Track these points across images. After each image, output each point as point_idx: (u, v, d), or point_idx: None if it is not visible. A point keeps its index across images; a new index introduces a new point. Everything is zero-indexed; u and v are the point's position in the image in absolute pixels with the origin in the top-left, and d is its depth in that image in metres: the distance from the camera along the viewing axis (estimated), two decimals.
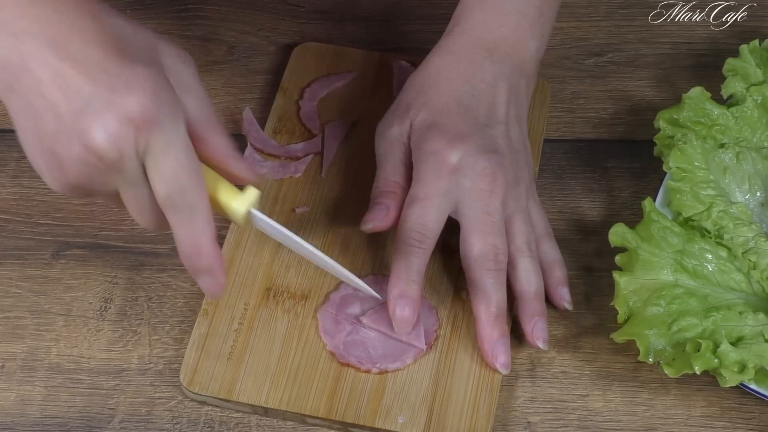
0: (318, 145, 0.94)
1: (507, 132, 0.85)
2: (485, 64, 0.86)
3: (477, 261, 0.82)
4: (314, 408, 0.81)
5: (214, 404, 0.82)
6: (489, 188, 0.82)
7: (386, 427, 0.80)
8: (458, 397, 0.81)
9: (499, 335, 0.81)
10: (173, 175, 0.69)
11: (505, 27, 0.87)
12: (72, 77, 0.67)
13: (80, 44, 0.67)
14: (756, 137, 0.90)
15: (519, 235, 0.83)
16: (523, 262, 0.83)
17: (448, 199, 0.82)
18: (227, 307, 0.85)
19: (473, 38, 0.87)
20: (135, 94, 0.67)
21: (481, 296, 0.82)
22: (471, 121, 0.84)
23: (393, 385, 0.82)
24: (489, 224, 0.82)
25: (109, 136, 0.67)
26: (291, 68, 0.99)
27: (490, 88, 0.85)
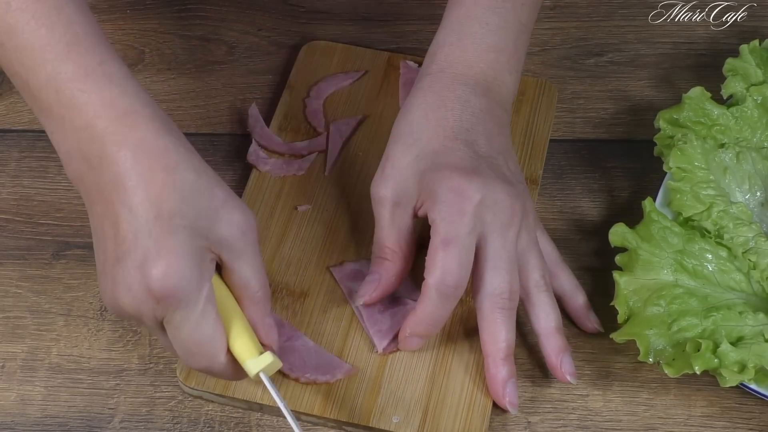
0: (323, 144, 0.94)
1: (507, 162, 0.83)
2: (471, 99, 0.84)
3: (491, 298, 0.80)
4: (309, 406, 0.81)
5: (210, 399, 0.82)
6: (508, 221, 0.80)
7: (381, 426, 0.80)
8: (453, 398, 0.81)
9: (508, 374, 0.80)
10: (186, 345, 0.74)
11: (483, 63, 0.85)
12: (122, 225, 0.71)
13: (140, 196, 0.71)
14: (756, 137, 0.90)
15: (534, 269, 0.82)
16: (542, 298, 0.82)
17: (474, 236, 0.79)
18: None
19: (453, 75, 0.84)
20: (160, 268, 0.71)
21: (493, 335, 0.80)
22: (474, 155, 0.82)
23: (389, 385, 0.82)
24: (506, 260, 0.80)
25: (131, 297, 0.72)
26: (298, 66, 0.99)
27: (482, 122, 0.83)
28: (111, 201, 0.72)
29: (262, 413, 0.82)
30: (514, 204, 0.80)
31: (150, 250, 0.71)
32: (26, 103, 0.76)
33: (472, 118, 0.83)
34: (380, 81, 0.98)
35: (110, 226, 0.72)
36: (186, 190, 0.72)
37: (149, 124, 0.72)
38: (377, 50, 1.00)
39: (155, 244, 0.71)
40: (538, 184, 0.92)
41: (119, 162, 0.71)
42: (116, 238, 0.72)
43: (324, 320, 0.85)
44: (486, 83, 0.85)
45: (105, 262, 0.73)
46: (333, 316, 0.85)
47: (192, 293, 0.72)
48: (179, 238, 0.71)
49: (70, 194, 0.93)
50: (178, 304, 0.72)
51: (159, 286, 0.71)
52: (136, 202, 0.71)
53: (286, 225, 0.89)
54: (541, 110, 0.95)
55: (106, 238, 0.73)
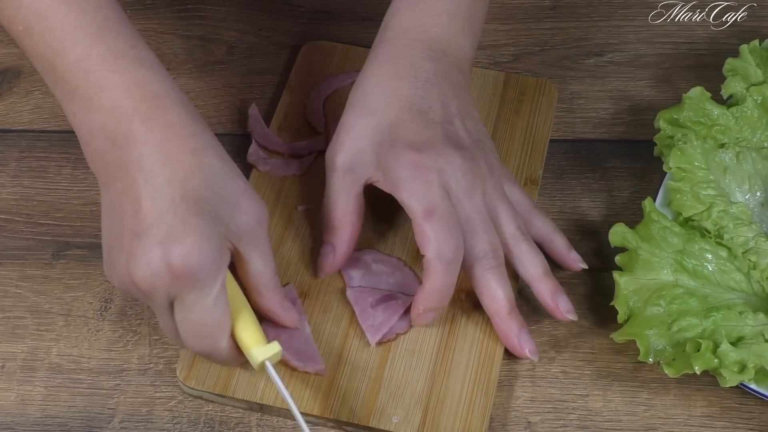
0: (322, 144, 0.94)
1: (464, 124, 0.84)
2: (425, 64, 0.84)
3: (478, 262, 0.82)
4: (309, 406, 0.81)
5: (210, 399, 0.82)
6: (470, 185, 0.82)
7: (380, 426, 0.80)
8: (453, 398, 0.81)
9: (518, 327, 0.82)
10: (194, 327, 0.75)
11: (438, 27, 0.85)
12: (145, 202, 0.72)
13: (167, 176, 0.73)
14: (756, 137, 0.90)
15: (507, 223, 0.83)
16: (521, 247, 0.83)
17: (449, 203, 0.81)
18: None
19: (408, 40, 0.85)
20: (184, 245, 0.72)
21: (491, 295, 0.82)
22: (429, 123, 0.83)
23: (388, 385, 0.82)
24: (480, 222, 0.82)
25: (149, 272, 0.73)
26: (298, 66, 0.99)
27: (436, 86, 0.84)
28: (135, 179, 0.73)
29: (261, 413, 0.82)
30: (472, 168, 0.82)
31: (175, 227, 0.72)
32: (47, 84, 0.77)
33: (426, 84, 0.84)
34: None
35: (130, 202, 0.73)
36: (211, 176, 0.74)
37: (179, 109, 0.75)
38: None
39: (181, 222, 0.72)
40: (538, 184, 0.92)
41: (148, 142, 0.73)
42: (137, 214, 0.73)
43: (324, 320, 0.85)
44: (440, 47, 0.85)
45: (120, 236, 0.74)
46: (333, 316, 0.85)
47: (210, 275, 0.73)
48: (204, 221, 0.73)
49: (70, 194, 0.93)
50: (195, 284, 0.73)
51: (181, 264, 0.72)
52: (162, 181, 0.73)
53: (286, 225, 0.90)
54: (541, 110, 0.95)
55: (125, 215, 0.73)
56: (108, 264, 0.76)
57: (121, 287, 0.76)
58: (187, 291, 0.73)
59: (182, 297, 0.74)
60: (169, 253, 0.72)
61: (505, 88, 0.97)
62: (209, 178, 0.74)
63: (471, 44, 0.88)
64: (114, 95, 0.74)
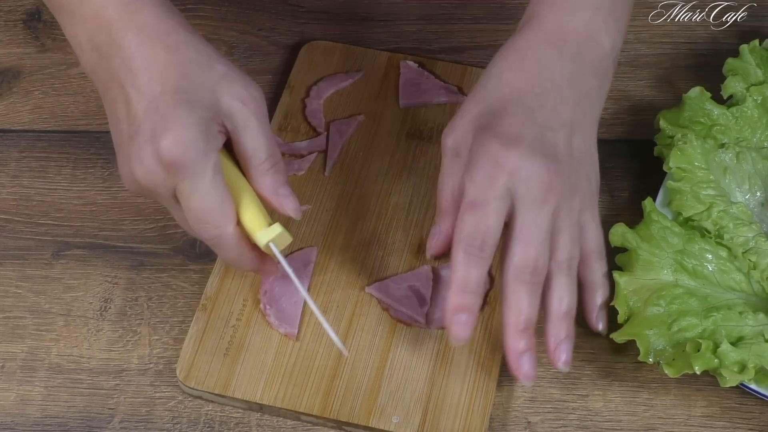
0: (322, 144, 0.94)
1: (570, 138, 0.80)
2: (553, 62, 0.80)
3: (515, 271, 0.78)
4: (309, 406, 0.81)
5: (209, 399, 0.82)
6: (542, 197, 0.77)
7: (380, 426, 0.80)
8: (453, 399, 0.81)
9: (525, 347, 0.78)
10: (196, 214, 0.77)
11: (576, 21, 0.81)
12: (133, 105, 0.76)
13: (146, 76, 0.76)
14: (756, 137, 0.90)
15: (562, 251, 0.79)
16: (560, 279, 0.79)
17: (504, 202, 0.78)
18: (226, 302, 0.85)
19: (541, 34, 0.81)
20: (167, 138, 0.74)
21: (513, 306, 0.78)
22: (529, 122, 0.79)
23: (388, 385, 0.82)
24: (535, 236, 0.77)
25: (145, 170, 0.76)
26: (298, 66, 0.99)
27: (557, 89, 0.80)
28: (122, 84, 0.76)
29: (261, 413, 0.82)
30: (551, 180, 0.77)
31: (158, 123, 0.75)
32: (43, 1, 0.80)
33: (547, 83, 0.80)
34: (380, 81, 0.98)
35: (123, 107, 0.76)
36: (186, 66, 0.76)
37: (152, 8, 0.77)
38: (377, 50, 1.00)
39: (162, 117, 0.75)
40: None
41: (125, 46, 0.76)
42: (128, 117, 0.76)
43: None
44: (577, 43, 0.81)
45: (121, 142, 0.77)
46: (332, 316, 0.85)
47: (199, 161, 0.75)
48: (183, 110, 0.75)
49: (70, 194, 0.93)
50: (186, 171, 0.75)
51: (167, 155, 0.74)
52: (142, 82, 0.76)
53: (286, 225, 0.89)
54: None
55: (120, 120, 0.77)
56: (120, 169, 0.79)
57: (133, 189, 0.78)
58: (181, 179, 0.75)
59: (179, 187, 0.76)
60: (157, 147, 0.75)
61: None
62: (185, 69, 0.76)
63: (613, 42, 0.82)
64: (92, 5, 0.77)
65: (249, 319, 0.85)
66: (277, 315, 0.84)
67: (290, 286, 0.84)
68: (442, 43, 1.01)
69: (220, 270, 0.87)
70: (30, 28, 1.03)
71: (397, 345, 0.84)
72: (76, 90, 0.99)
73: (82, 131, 0.97)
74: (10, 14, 1.04)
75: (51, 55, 1.01)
